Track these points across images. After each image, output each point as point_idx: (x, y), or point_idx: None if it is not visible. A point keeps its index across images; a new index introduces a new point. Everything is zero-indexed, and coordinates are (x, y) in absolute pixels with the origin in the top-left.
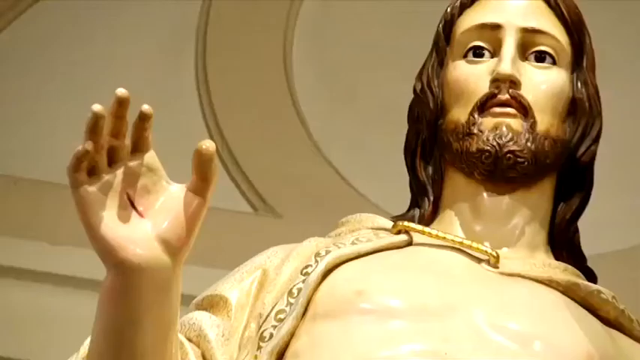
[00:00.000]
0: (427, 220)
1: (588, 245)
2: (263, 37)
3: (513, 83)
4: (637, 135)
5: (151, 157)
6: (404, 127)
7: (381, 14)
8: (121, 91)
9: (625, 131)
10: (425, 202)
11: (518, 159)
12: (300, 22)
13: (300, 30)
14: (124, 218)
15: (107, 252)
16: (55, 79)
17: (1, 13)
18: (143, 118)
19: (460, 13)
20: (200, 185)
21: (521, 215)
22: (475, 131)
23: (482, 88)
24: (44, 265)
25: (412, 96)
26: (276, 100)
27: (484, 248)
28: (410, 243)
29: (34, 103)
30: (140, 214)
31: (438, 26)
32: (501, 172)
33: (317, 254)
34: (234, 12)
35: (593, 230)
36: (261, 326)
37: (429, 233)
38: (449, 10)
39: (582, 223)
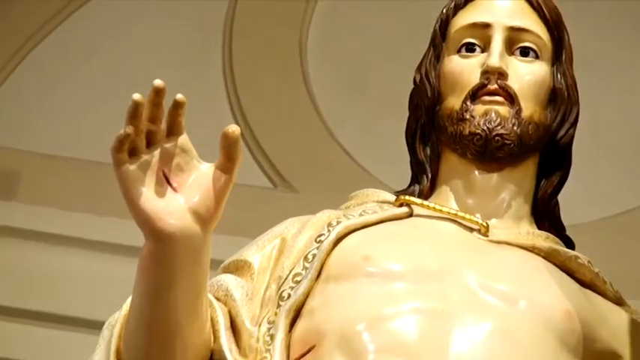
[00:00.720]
0: (425, 195)
1: (566, 216)
2: (282, 30)
3: (501, 75)
4: (615, 119)
5: (184, 139)
6: (407, 113)
7: (392, 10)
8: (158, 82)
9: (603, 115)
10: (423, 179)
11: (506, 141)
12: (316, 17)
13: (315, 23)
14: (161, 193)
15: (146, 222)
16: (101, 70)
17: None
18: (177, 105)
19: (454, 13)
20: (226, 164)
21: (508, 190)
22: (468, 117)
23: (474, 79)
24: (94, 233)
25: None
26: (292, 87)
27: (475, 219)
28: (410, 214)
29: (83, 92)
30: (174, 189)
31: (435, 25)
32: (490, 152)
33: (329, 224)
34: (257, 6)
35: (571, 203)
36: (280, 287)
37: (427, 206)
38: (444, 10)
39: (561, 197)
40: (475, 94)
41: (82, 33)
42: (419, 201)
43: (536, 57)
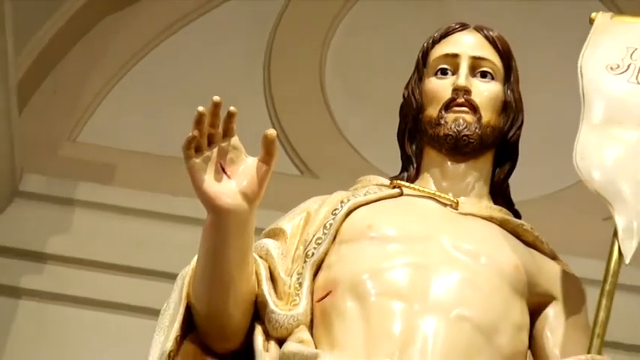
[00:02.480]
0: (412, 180)
1: (515, 194)
2: (306, 55)
3: (467, 92)
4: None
5: (235, 139)
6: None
7: (392, 37)
8: (216, 98)
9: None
10: (410, 168)
11: (470, 140)
12: (333, 44)
13: (332, 49)
14: (218, 179)
15: (207, 201)
16: (182, 85)
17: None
18: (230, 115)
19: (432, 46)
20: (266, 158)
21: (472, 176)
22: (442, 122)
23: (447, 94)
24: (171, 209)
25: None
26: (314, 98)
27: (448, 197)
28: (401, 194)
29: (167, 101)
30: (228, 177)
31: (418, 54)
32: (459, 148)
33: (341, 201)
34: (290, 36)
35: (518, 184)
36: (306, 248)
37: (414, 188)
38: (425, 44)
39: (512, 180)
40: (448, 106)
41: (178, 54)
42: (407, 184)
43: (492, 78)
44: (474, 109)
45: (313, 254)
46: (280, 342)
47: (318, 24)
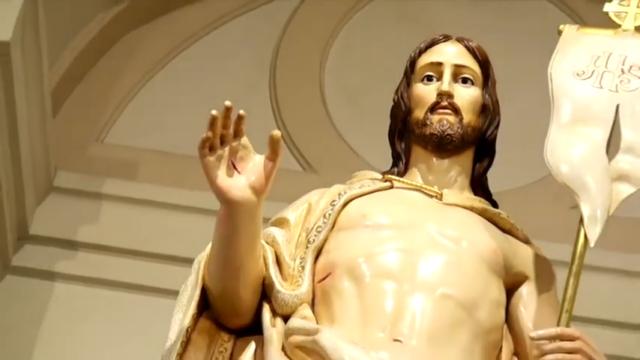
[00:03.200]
0: (401, 174)
1: (493, 186)
2: (307, 65)
3: (450, 96)
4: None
5: (244, 139)
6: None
7: (385, 46)
8: (227, 103)
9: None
10: (400, 164)
11: (453, 139)
12: (331, 55)
13: (330, 59)
14: (230, 175)
15: (220, 194)
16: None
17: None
18: (240, 118)
19: (419, 56)
20: (272, 156)
21: (455, 170)
22: (428, 123)
23: (432, 98)
24: (188, 202)
25: None
26: (314, 102)
27: (434, 189)
28: (392, 187)
29: (184, 106)
30: (239, 173)
31: (407, 63)
32: (443, 146)
33: (339, 194)
34: (293, 47)
35: (496, 177)
36: (308, 235)
37: (403, 181)
38: (412, 54)
39: (490, 173)
40: (433, 109)
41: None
42: (397, 178)
43: (472, 84)
44: (456, 111)
45: (314, 240)
46: (285, 318)
47: (317, 37)
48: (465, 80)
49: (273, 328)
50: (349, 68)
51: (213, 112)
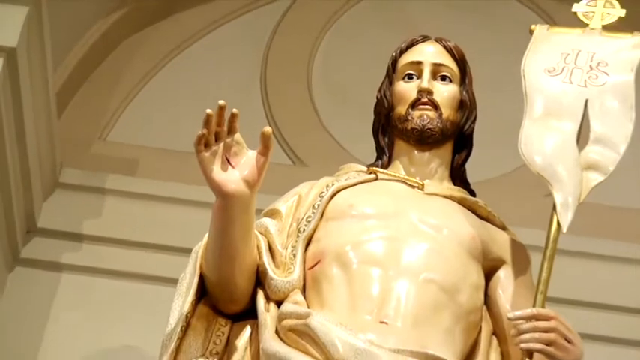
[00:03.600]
0: (385, 167)
1: (471, 176)
2: (296, 66)
3: (429, 92)
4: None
5: (237, 136)
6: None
7: (369, 46)
8: (221, 102)
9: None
10: (384, 157)
11: (433, 133)
12: (318, 57)
13: (317, 60)
14: (224, 169)
15: (216, 187)
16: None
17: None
18: (233, 116)
19: (400, 55)
20: (264, 151)
21: (435, 162)
22: (410, 118)
23: (413, 95)
24: (185, 195)
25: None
26: (302, 101)
27: (416, 180)
28: (377, 179)
29: (184, 106)
30: (232, 167)
31: (389, 62)
32: (424, 139)
33: (327, 186)
34: (282, 49)
35: (474, 168)
36: (298, 225)
37: (387, 173)
38: (394, 54)
39: (468, 164)
40: (414, 105)
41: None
42: (381, 170)
43: (450, 81)
44: (435, 106)
45: (304, 230)
46: (278, 303)
47: (305, 39)
48: (443, 78)
49: (267, 313)
50: (335, 68)
51: (208, 110)
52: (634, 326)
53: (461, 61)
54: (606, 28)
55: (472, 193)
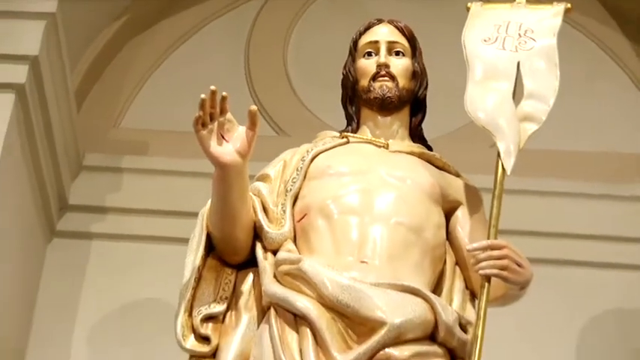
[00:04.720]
0: (354, 131)
1: (427, 134)
2: (273, 52)
3: (387, 66)
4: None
5: (229, 115)
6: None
7: (334, 31)
8: (213, 87)
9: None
10: (353, 123)
11: (392, 100)
12: (291, 43)
13: (290, 46)
14: (220, 144)
15: (214, 159)
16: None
17: None
18: (223, 98)
19: (359, 37)
20: (252, 126)
21: (396, 125)
22: (371, 89)
23: (373, 69)
24: (189, 168)
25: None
26: (280, 81)
27: (381, 141)
28: (348, 142)
29: (184, 94)
30: (227, 141)
31: (350, 43)
32: (385, 106)
33: (307, 151)
34: (260, 39)
35: (429, 126)
36: (285, 185)
37: (357, 137)
38: (354, 36)
39: (424, 124)
40: (374, 77)
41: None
42: (352, 135)
43: (403, 55)
44: (392, 78)
45: (291, 189)
46: (274, 253)
47: (280, 29)
48: (397, 53)
49: (265, 261)
50: (306, 52)
51: (202, 95)
52: (569, 249)
53: (411, 38)
54: (530, 1)
55: (429, 148)
